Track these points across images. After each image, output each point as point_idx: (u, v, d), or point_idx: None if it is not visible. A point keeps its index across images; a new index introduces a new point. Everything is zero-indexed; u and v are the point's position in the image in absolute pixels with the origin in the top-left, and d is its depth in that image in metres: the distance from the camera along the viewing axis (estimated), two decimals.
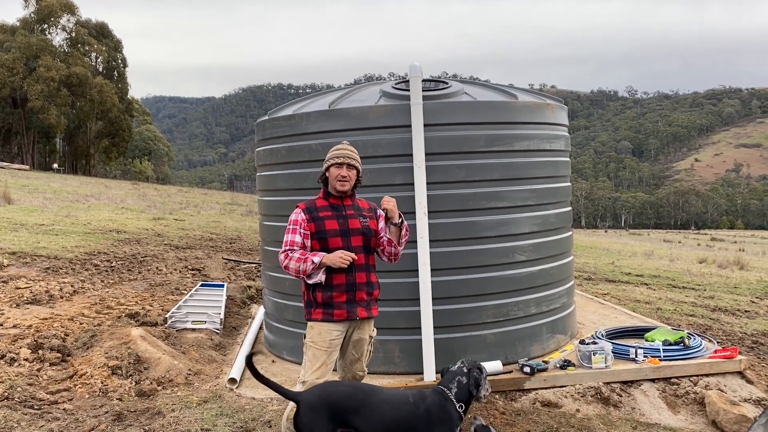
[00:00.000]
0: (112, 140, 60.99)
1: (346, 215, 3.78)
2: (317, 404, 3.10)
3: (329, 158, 3.79)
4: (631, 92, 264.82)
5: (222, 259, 11.04)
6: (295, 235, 3.74)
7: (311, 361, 3.72)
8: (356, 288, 3.74)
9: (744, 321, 8.01)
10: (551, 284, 5.59)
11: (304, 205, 3.82)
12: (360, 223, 3.80)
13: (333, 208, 3.79)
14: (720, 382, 5.09)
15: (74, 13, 58.13)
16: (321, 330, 3.72)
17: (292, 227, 3.76)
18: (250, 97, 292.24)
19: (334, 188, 3.76)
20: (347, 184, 3.76)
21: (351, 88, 6.12)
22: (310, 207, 3.81)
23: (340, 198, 3.80)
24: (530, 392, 4.90)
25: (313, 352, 3.72)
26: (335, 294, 3.70)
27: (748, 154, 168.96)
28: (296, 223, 3.76)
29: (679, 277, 12.05)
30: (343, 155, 3.75)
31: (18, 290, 7.35)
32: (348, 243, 3.74)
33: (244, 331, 6.71)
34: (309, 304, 3.79)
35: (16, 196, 19.23)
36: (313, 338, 3.73)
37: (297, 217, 3.77)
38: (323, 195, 3.86)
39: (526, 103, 5.51)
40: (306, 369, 3.73)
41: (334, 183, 3.76)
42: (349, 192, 3.80)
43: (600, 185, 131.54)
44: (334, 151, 3.80)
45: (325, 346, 3.71)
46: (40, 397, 4.58)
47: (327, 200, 3.83)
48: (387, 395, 3.19)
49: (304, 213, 3.77)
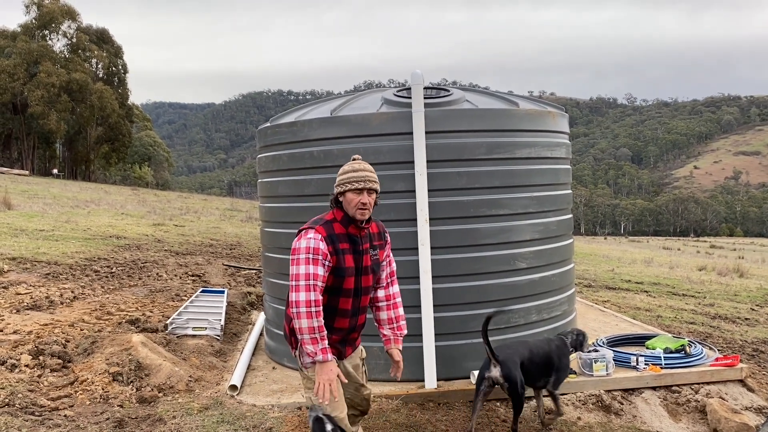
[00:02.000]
0: (112, 146, 61.08)
1: (362, 250, 3.24)
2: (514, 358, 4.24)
3: (345, 181, 3.17)
4: (630, 100, 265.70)
5: (222, 265, 11.03)
6: (317, 267, 3.07)
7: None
8: (354, 330, 3.37)
9: (744, 329, 8.01)
10: (552, 291, 5.59)
11: (324, 232, 3.13)
12: (371, 259, 3.30)
13: (351, 240, 3.21)
14: (721, 390, 5.09)
15: (75, 19, 58.32)
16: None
17: (314, 256, 3.06)
18: (249, 104, 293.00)
19: (353, 216, 3.18)
20: (368, 212, 3.19)
21: (352, 95, 6.14)
22: (331, 235, 3.14)
23: (359, 228, 3.23)
24: (531, 400, 4.88)
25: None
26: (334, 336, 3.24)
27: (747, 162, 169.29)
28: (318, 252, 3.07)
29: (679, 285, 12.05)
30: (364, 178, 3.16)
31: (18, 296, 7.35)
32: (359, 284, 3.25)
33: (244, 337, 6.71)
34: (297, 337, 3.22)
35: (16, 201, 19.23)
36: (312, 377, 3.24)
37: (318, 245, 3.08)
38: (342, 220, 3.20)
39: (528, 111, 5.52)
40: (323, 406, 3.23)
41: (353, 211, 3.17)
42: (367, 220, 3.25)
43: (599, 192, 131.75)
44: (350, 172, 3.19)
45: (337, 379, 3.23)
46: (41, 404, 4.57)
47: (346, 228, 3.20)
48: (536, 343, 4.55)
49: (327, 243, 3.11)
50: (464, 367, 5.10)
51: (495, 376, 4.17)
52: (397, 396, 4.82)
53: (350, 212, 3.19)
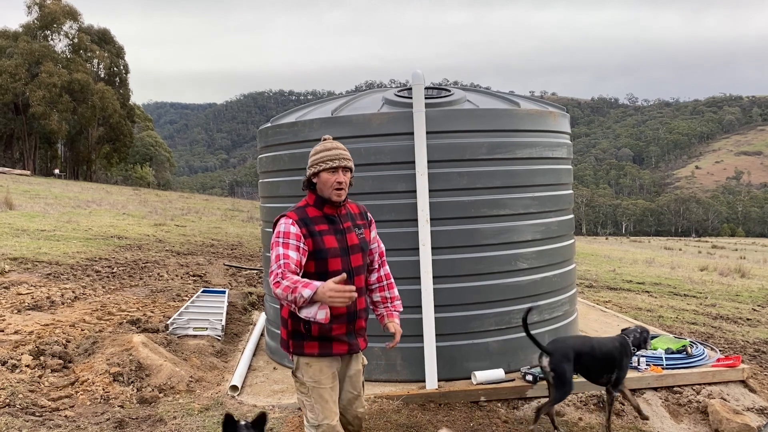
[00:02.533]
0: (114, 146, 61.09)
1: (344, 229, 3.15)
2: (567, 352, 4.33)
3: (319, 161, 3.09)
4: (631, 100, 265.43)
5: (223, 266, 11.03)
6: (288, 250, 2.96)
7: (320, 403, 3.11)
8: (357, 316, 3.18)
9: (746, 329, 7.99)
10: (553, 292, 5.58)
11: (295, 216, 3.07)
12: (357, 237, 3.19)
13: (329, 220, 3.12)
14: (723, 391, 5.08)
15: (77, 19, 58.34)
16: (321, 366, 3.12)
17: (284, 240, 2.98)
18: (251, 104, 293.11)
19: (329, 197, 3.10)
20: (344, 192, 3.12)
21: (353, 95, 6.14)
22: (303, 218, 3.07)
23: (336, 207, 3.15)
24: (532, 400, 4.88)
25: (320, 393, 3.11)
26: (335, 326, 3.07)
27: (749, 162, 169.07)
28: (288, 235, 2.99)
29: (680, 285, 12.03)
30: (338, 156, 3.08)
31: (19, 296, 7.35)
32: (348, 264, 3.11)
33: (245, 337, 6.70)
34: (297, 335, 3.11)
35: (18, 201, 19.25)
36: (315, 377, 3.11)
37: (289, 229, 3.01)
38: (315, 202, 3.14)
39: (529, 111, 5.52)
40: (315, 412, 3.10)
41: (328, 192, 3.09)
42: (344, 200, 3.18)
43: (601, 192, 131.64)
44: (322, 151, 3.11)
45: (330, 384, 3.14)
46: (41, 404, 4.57)
47: (321, 210, 3.13)
48: (598, 340, 4.63)
49: (299, 225, 3.03)
50: (465, 368, 5.10)
51: (544, 365, 4.36)
52: (397, 396, 4.82)
53: (326, 193, 3.10)
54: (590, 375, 4.47)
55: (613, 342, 4.56)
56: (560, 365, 4.28)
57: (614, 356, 4.46)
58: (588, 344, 4.49)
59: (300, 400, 3.22)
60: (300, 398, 3.21)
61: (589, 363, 4.39)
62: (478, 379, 4.97)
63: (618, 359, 4.45)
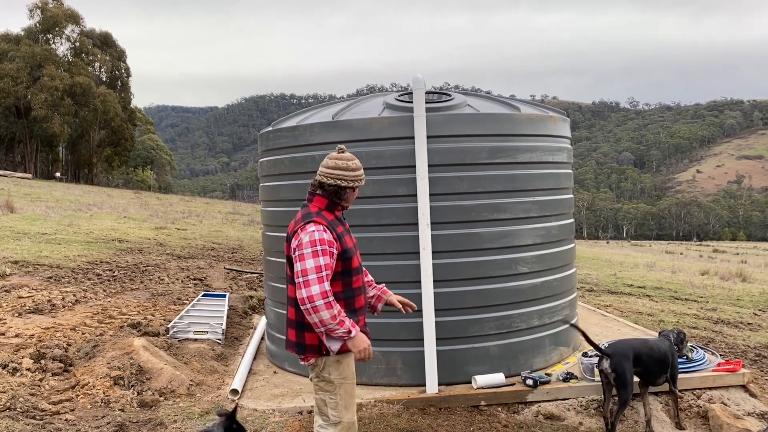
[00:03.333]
0: (115, 149, 61.15)
1: (349, 228, 3.40)
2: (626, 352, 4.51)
3: (353, 179, 3.24)
4: (632, 103, 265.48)
5: (224, 269, 11.04)
6: (325, 257, 3.07)
7: (346, 399, 3.26)
8: (366, 308, 3.45)
9: (747, 333, 7.99)
10: (554, 296, 5.59)
11: (323, 221, 3.17)
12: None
13: (341, 222, 3.31)
14: (723, 396, 5.07)
15: (79, 23, 58.47)
16: (349, 362, 3.27)
17: (321, 248, 3.06)
18: (252, 107, 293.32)
19: (349, 202, 3.33)
20: None
21: (354, 99, 6.15)
22: (330, 222, 3.20)
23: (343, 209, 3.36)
24: (533, 405, 4.88)
25: (346, 389, 3.27)
26: (360, 318, 3.31)
27: (750, 166, 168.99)
28: (324, 242, 3.08)
29: (681, 289, 12.02)
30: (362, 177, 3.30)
31: (20, 299, 7.36)
32: (359, 261, 3.34)
33: (246, 341, 6.71)
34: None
35: (19, 204, 19.27)
36: (344, 373, 3.26)
37: (324, 236, 3.10)
38: (328, 206, 3.26)
39: (529, 116, 5.53)
40: (340, 409, 3.25)
41: (352, 200, 3.33)
42: None
43: (602, 196, 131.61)
44: (357, 170, 3.26)
45: (352, 380, 3.31)
46: (42, 408, 4.57)
47: (333, 213, 3.28)
48: (654, 341, 4.83)
49: (329, 230, 3.15)
50: (466, 372, 5.10)
51: (604, 367, 4.51)
52: (398, 401, 4.82)
53: (350, 201, 3.32)
54: (648, 375, 4.66)
55: (664, 342, 4.77)
56: (621, 365, 4.45)
57: (668, 356, 4.68)
58: (646, 345, 4.68)
59: (321, 399, 3.33)
60: (322, 397, 3.32)
61: (648, 363, 4.59)
62: (479, 384, 4.97)
63: (671, 359, 4.70)
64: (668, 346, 4.74)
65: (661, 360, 4.65)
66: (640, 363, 4.56)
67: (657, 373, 4.67)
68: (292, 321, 3.29)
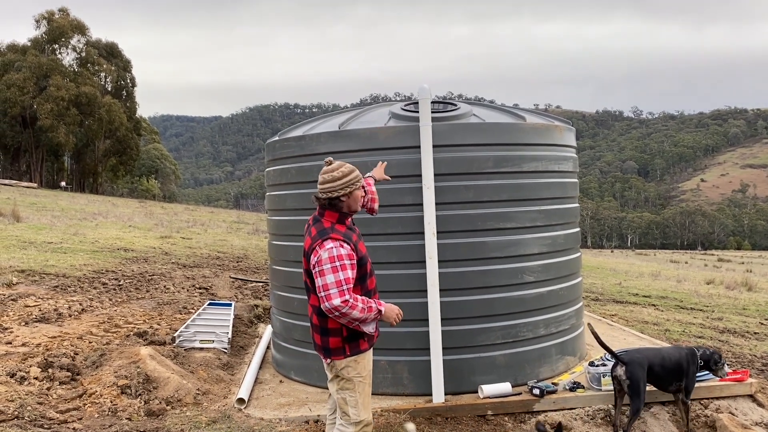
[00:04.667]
0: (120, 158, 61.40)
1: (360, 235, 3.55)
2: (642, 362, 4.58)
3: (351, 181, 3.38)
4: (636, 112, 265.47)
5: (229, 278, 11.06)
6: (346, 271, 3.23)
7: (363, 397, 3.43)
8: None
9: (753, 343, 7.96)
10: (560, 305, 5.58)
11: (339, 236, 3.32)
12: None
13: (353, 231, 3.48)
14: (731, 405, 5.05)
15: (85, 33, 58.88)
16: (366, 362, 3.46)
17: (340, 263, 3.23)
18: (256, 117, 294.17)
19: (355, 210, 3.46)
20: None
21: (360, 109, 6.18)
22: (345, 234, 3.36)
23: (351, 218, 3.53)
24: (539, 414, 4.87)
25: (363, 387, 3.43)
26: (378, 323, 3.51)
27: (755, 175, 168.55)
28: (342, 257, 3.24)
29: (686, 299, 11.99)
30: (360, 176, 3.47)
31: (27, 308, 7.39)
32: (372, 267, 3.51)
33: (251, 350, 6.71)
34: (353, 337, 3.41)
35: (25, 214, 19.36)
36: (362, 372, 3.43)
37: (342, 251, 3.25)
38: (339, 219, 3.42)
39: (534, 125, 5.55)
40: (358, 408, 3.41)
41: (356, 206, 3.45)
42: None
43: (606, 205, 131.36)
44: (349, 174, 3.40)
45: (370, 380, 3.48)
46: (49, 416, 4.58)
47: (344, 224, 3.44)
48: (667, 350, 4.92)
49: (347, 243, 3.31)
50: (472, 381, 5.10)
51: (619, 374, 4.60)
52: (404, 410, 4.81)
53: (354, 207, 3.45)
54: (661, 383, 4.72)
55: (680, 351, 4.82)
56: (635, 373, 4.52)
57: (682, 365, 4.71)
58: (659, 354, 4.74)
59: (342, 398, 3.46)
60: (342, 396, 3.46)
61: (660, 372, 4.65)
62: (485, 393, 4.96)
63: (686, 368, 4.71)
64: (684, 355, 4.75)
65: (674, 369, 4.68)
66: (653, 372, 4.62)
67: (668, 381, 4.70)
68: (317, 326, 3.49)
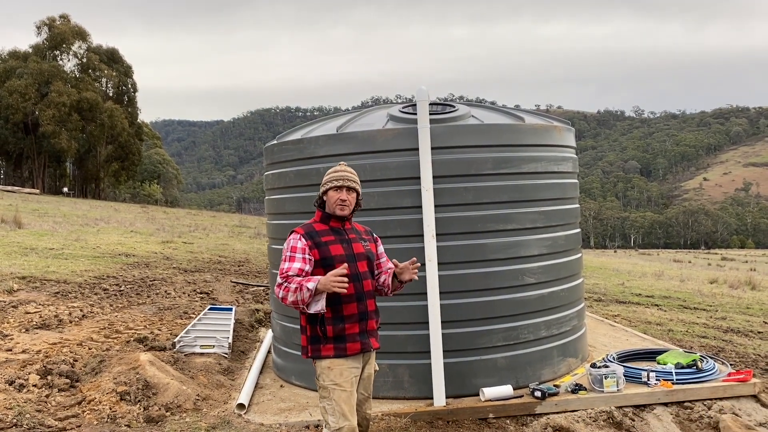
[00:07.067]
0: (122, 164, 61.53)
1: (349, 239, 3.53)
2: None
3: (327, 181, 3.55)
4: (638, 112, 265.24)
5: (230, 283, 11.04)
6: (293, 263, 3.38)
7: (339, 404, 3.35)
8: (368, 317, 3.48)
9: (757, 342, 7.91)
10: (561, 307, 5.55)
11: (302, 230, 3.50)
12: (363, 247, 3.57)
13: (334, 232, 3.52)
14: (734, 406, 5.01)
15: (86, 39, 59.12)
16: (342, 369, 3.39)
17: (290, 254, 3.42)
18: (258, 120, 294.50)
19: (333, 212, 3.52)
20: (347, 208, 3.52)
21: (358, 111, 6.17)
22: (310, 232, 3.49)
23: (341, 221, 3.55)
24: (541, 417, 4.83)
25: (339, 395, 3.36)
26: (347, 326, 3.40)
27: (757, 173, 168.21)
28: (295, 249, 3.42)
29: (690, 298, 11.94)
30: (342, 177, 3.51)
31: (27, 315, 7.38)
32: (356, 269, 3.45)
33: (252, 355, 6.68)
34: (315, 339, 3.43)
35: (27, 220, 19.38)
36: (336, 379, 3.38)
37: (296, 244, 3.44)
38: (321, 218, 3.58)
39: (533, 126, 5.52)
40: (335, 415, 3.35)
41: (333, 207, 3.51)
42: (348, 216, 3.57)
43: (608, 205, 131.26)
44: (332, 173, 3.56)
45: (349, 386, 3.39)
46: (48, 424, 4.56)
47: (327, 224, 3.54)
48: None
49: (305, 238, 3.46)
50: (473, 384, 5.06)
51: None
52: (405, 414, 4.78)
53: (330, 209, 3.53)
54: None
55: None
56: None
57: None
58: None
59: (322, 407, 3.46)
60: (322, 405, 3.46)
61: None
62: (487, 396, 4.93)
63: None
64: None
65: None
66: None
67: None
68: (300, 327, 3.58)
